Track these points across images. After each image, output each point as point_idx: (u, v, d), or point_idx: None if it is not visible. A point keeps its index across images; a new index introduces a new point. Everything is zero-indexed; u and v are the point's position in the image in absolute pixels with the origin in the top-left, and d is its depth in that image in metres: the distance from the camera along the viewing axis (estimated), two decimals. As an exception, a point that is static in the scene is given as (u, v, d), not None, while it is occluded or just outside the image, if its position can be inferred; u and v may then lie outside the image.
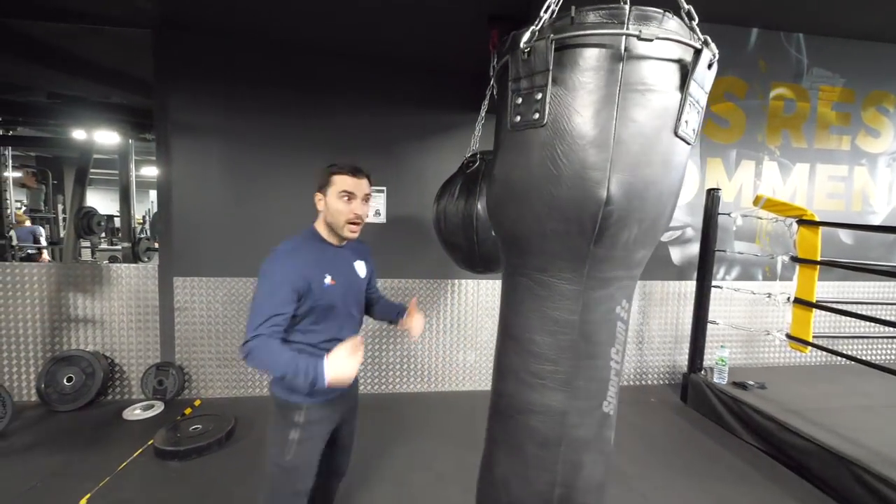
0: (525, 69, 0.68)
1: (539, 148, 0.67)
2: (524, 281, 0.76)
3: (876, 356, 3.46)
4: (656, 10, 0.63)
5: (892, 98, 3.25)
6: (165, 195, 2.71)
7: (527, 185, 0.70)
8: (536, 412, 0.77)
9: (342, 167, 1.20)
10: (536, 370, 0.76)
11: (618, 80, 0.63)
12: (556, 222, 0.69)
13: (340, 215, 1.18)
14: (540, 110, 0.66)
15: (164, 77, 2.65)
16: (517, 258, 0.77)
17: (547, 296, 0.74)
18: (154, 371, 2.68)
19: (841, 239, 3.31)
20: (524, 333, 0.77)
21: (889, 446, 1.93)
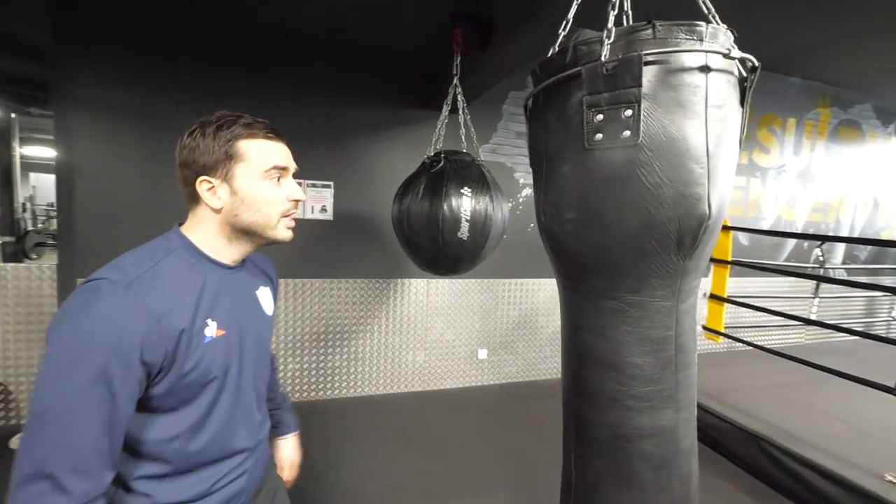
0: (608, 84, 0.64)
1: (633, 167, 0.64)
2: (613, 304, 0.73)
3: (769, 342, 4.05)
4: (723, 27, 0.66)
5: (779, 120, 3.82)
6: (66, 182, 2.29)
7: (618, 206, 0.66)
8: (649, 436, 0.75)
9: (251, 126, 0.68)
10: (641, 393, 0.74)
11: (704, 96, 0.64)
12: (654, 241, 0.67)
13: (272, 206, 0.69)
14: (631, 128, 0.63)
15: (66, 43, 2.23)
16: (603, 283, 0.73)
17: (641, 316, 0.72)
18: (50, 391, 2.26)
19: (740, 241, 3.82)
20: (622, 358, 0.73)
21: (786, 421, 2.26)
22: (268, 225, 0.70)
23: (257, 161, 0.68)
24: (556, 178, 0.73)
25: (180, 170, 0.70)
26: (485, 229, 1.71)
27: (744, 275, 3.76)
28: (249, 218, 0.69)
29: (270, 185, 0.70)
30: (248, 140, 0.68)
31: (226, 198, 0.68)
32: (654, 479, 0.76)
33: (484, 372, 3.26)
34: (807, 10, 2.48)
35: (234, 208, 0.68)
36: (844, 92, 3.98)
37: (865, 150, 4.20)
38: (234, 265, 0.74)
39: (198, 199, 0.69)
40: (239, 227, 0.70)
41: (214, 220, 0.70)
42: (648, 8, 0.77)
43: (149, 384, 0.60)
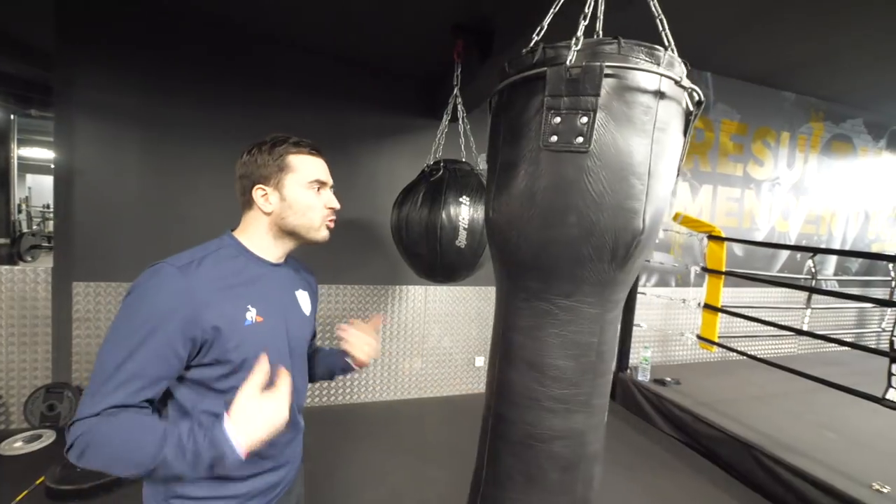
0: (569, 88, 0.65)
1: (580, 172, 0.66)
2: (544, 306, 0.74)
3: (762, 352, 4.08)
4: (680, 58, 0.69)
5: (773, 133, 3.88)
6: (65, 185, 2.29)
7: (563, 209, 0.68)
8: (560, 437, 0.77)
9: (299, 144, 0.83)
10: (559, 395, 0.76)
11: (653, 117, 0.66)
12: (590, 248, 0.69)
13: (313, 212, 0.82)
14: (585, 135, 0.65)
15: (69, 46, 2.24)
16: (538, 283, 0.74)
17: (570, 320, 0.74)
18: (43, 394, 2.24)
19: (734, 251, 3.86)
20: (545, 359, 0.75)
21: (779, 430, 2.28)
22: (311, 227, 0.84)
23: (303, 173, 0.82)
24: (509, 174, 0.73)
25: (239, 181, 0.83)
26: (482, 238, 1.73)
27: (739, 285, 3.81)
28: (295, 221, 0.82)
29: (312, 194, 0.83)
30: (296, 155, 0.82)
31: (276, 203, 0.81)
32: (560, 480, 0.78)
33: (481, 379, 3.26)
34: (800, 25, 2.54)
35: (283, 212, 0.81)
36: (836, 107, 4.05)
37: (857, 164, 4.27)
38: (277, 262, 0.86)
39: (252, 204, 0.82)
40: (285, 229, 0.83)
41: (265, 221, 0.82)
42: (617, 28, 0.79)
43: (196, 357, 0.71)
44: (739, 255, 3.87)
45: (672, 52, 0.68)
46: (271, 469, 0.81)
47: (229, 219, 1.11)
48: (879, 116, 4.26)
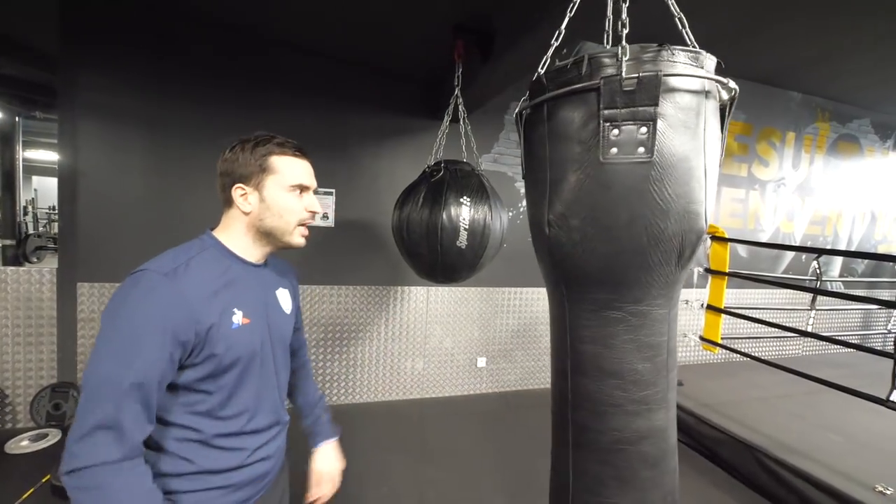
0: (625, 100, 0.65)
1: (645, 182, 0.66)
2: (616, 314, 0.75)
3: (766, 354, 4.06)
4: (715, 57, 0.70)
5: (778, 134, 3.85)
6: (69, 186, 2.31)
7: (630, 219, 0.68)
8: (646, 437, 0.79)
9: (283, 145, 0.81)
10: (640, 397, 0.78)
11: (703, 119, 0.68)
12: (659, 254, 0.70)
13: (291, 215, 0.81)
14: (646, 145, 0.65)
15: (73, 49, 2.27)
16: (607, 294, 0.75)
17: (642, 324, 0.75)
18: (48, 394, 2.27)
19: (739, 252, 3.84)
20: (624, 365, 0.77)
21: (782, 432, 2.26)
22: (286, 231, 0.82)
23: (285, 175, 0.80)
24: (565, 188, 0.73)
25: (220, 178, 0.82)
26: (483, 238, 1.73)
27: (742, 286, 3.79)
28: (272, 223, 0.81)
29: (293, 197, 0.82)
30: (279, 156, 0.80)
31: (255, 203, 0.80)
32: (651, 476, 0.80)
33: (483, 380, 3.26)
34: (806, 25, 2.52)
35: (261, 213, 0.80)
36: (843, 107, 4.02)
37: (863, 165, 4.23)
38: (258, 263, 0.85)
39: (231, 203, 0.81)
40: (262, 230, 0.82)
41: (243, 221, 0.81)
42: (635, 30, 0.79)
43: (186, 361, 0.70)
44: (744, 257, 3.85)
45: (705, 53, 0.69)
46: (260, 460, 0.82)
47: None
48: (887, 117, 4.22)
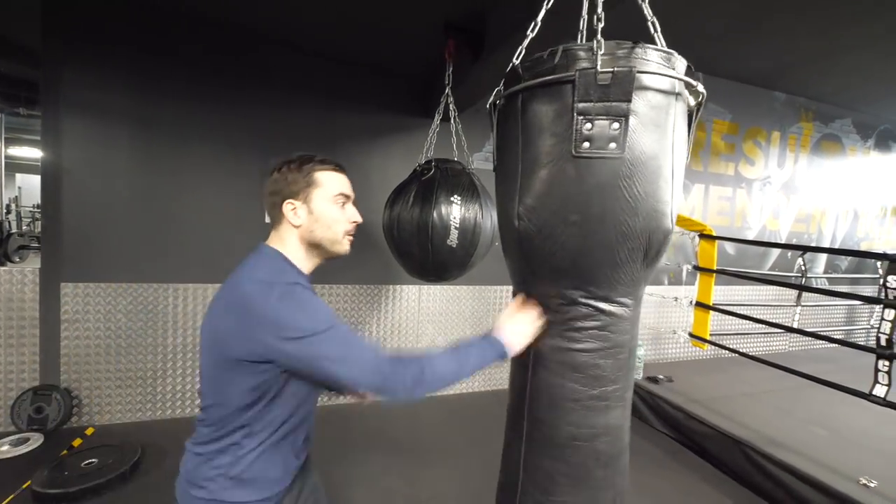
0: (600, 94, 0.65)
1: (616, 178, 0.66)
2: (583, 310, 0.75)
3: (754, 349, 4.12)
4: (685, 60, 0.71)
5: (764, 133, 3.92)
6: (53, 184, 2.26)
7: (600, 215, 0.68)
8: (602, 434, 0.79)
9: (325, 162, 0.89)
10: (601, 393, 0.78)
11: (672, 120, 0.68)
12: (626, 251, 0.70)
13: (338, 225, 0.88)
14: (618, 141, 0.65)
15: (56, 44, 2.21)
16: (575, 289, 0.74)
17: (609, 322, 0.76)
18: (30, 396, 2.21)
19: (726, 250, 3.89)
20: (587, 360, 0.77)
21: (769, 427, 2.30)
22: (335, 240, 0.88)
23: (329, 187, 0.87)
24: (537, 181, 0.71)
25: (269, 197, 0.87)
26: (474, 237, 1.73)
27: (730, 283, 3.85)
28: (321, 233, 0.87)
29: (337, 208, 0.88)
30: (322, 171, 0.88)
31: (304, 216, 0.86)
32: (603, 476, 0.80)
33: (476, 378, 3.26)
34: (789, 28, 2.57)
35: (310, 225, 0.86)
36: (826, 107, 4.10)
37: (846, 164, 4.32)
38: (310, 275, 0.91)
39: (282, 219, 0.86)
40: (312, 242, 0.87)
41: (294, 235, 0.87)
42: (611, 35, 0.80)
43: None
44: (731, 254, 3.91)
45: (676, 55, 0.70)
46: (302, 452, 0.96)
47: (220, 218, 1.11)
48: (867, 117, 4.31)
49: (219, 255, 2.53)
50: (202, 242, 2.51)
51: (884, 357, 1.94)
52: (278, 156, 0.92)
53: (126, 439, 2.17)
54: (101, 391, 2.39)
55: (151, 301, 2.45)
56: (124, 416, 2.44)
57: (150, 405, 2.49)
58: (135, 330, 2.43)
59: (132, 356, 2.44)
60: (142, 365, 2.46)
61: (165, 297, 2.47)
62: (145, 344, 2.45)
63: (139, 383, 2.46)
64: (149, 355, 2.47)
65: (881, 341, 1.97)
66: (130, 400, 2.45)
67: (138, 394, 2.46)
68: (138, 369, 2.45)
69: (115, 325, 2.39)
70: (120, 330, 2.40)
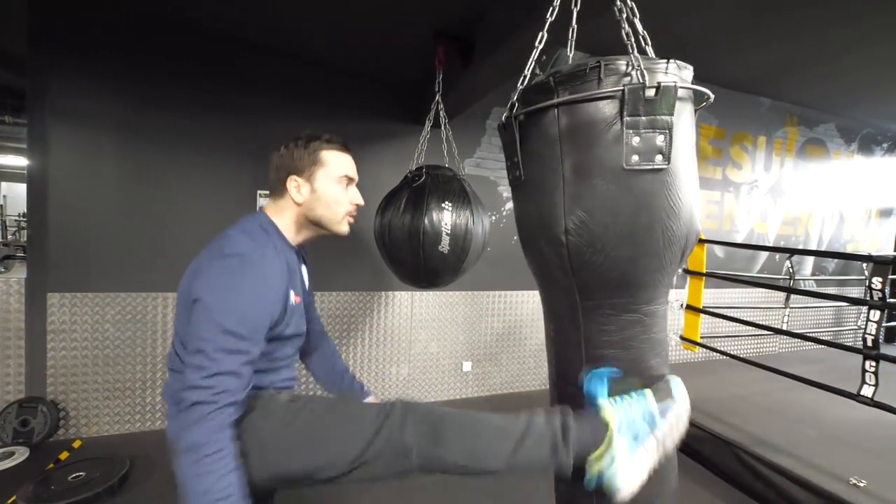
0: (646, 109, 0.68)
1: (662, 188, 0.70)
2: (633, 317, 0.78)
3: (744, 351, 4.16)
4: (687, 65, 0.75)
5: (750, 138, 3.98)
6: (39, 193, 2.23)
7: (649, 224, 0.71)
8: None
9: (332, 140, 0.90)
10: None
11: (692, 125, 0.74)
12: (670, 255, 0.74)
13: (339, 206, 0.90)
14: (664, 153, 0.68)
15: (43, 52, 2.20)
16: (625, 297, 0.76)
17: (653, 323, 0.79)
18: (15, 409, 2.17)
19: (716, 253, 3.94)
20: (642, 364, 0.80)
21: (760, 428, 2.32)
22: (334, 220, 0.91)
23: (334, 168, 0.89)
24: (587, 195, 0.72)
25: (275, 171, 0.90)
26: (465, 243, 1.74)
27: (720, 286, 3.89)
28: (321, 212, 0.89)
29: (340, 189, 0.90)
30: (328, 150, 0.89)
31: (307, 194, 0.88)
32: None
33: (469, 384, 3.26)
34: (773, 35, 2.62)
35: (312, 203, 0.89)
36: (810, 112, 4.18)
37: (830, 167, 4.41)
38: (297, 247, 0.94)
39: (283, 193, 0.89)
40: (311, 219, 0.90)
41: (294, 210, 0.89)
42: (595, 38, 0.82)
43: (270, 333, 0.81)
44: (720, 257, 3.95)
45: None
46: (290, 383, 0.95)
47: (208, 227, 1.10)
48: (850, 121, 4.40)
49: (209, 263, 2.51)
50: (191, 251, 2.45)
51: (870, 357, 1.98)
52: (266, 164, 0.93)
53: (114, 451, 2.13)
54: (88, 403, 2.35)
55: (140, 311, 2.42)
56: (112, 428, 2.40)
57: (138, 416, 2.45)
58: (123, 340, 2.40)
59: (120, 367, 2.40)
60: (130, 375, 2.42)
61: (154, 307, 2.45)
62: (134, 354, 2.42)
63: (128, 394, 2.42)
64: (137, 366, 2.43)
65: (867, 342, 2.01)
66: (119, 411, 2.41)
67: (127, 405, 2.42)
68: (126, 380, 2.41)
69: (103, 335, 2.36)
70: (108, 340, 2.37)
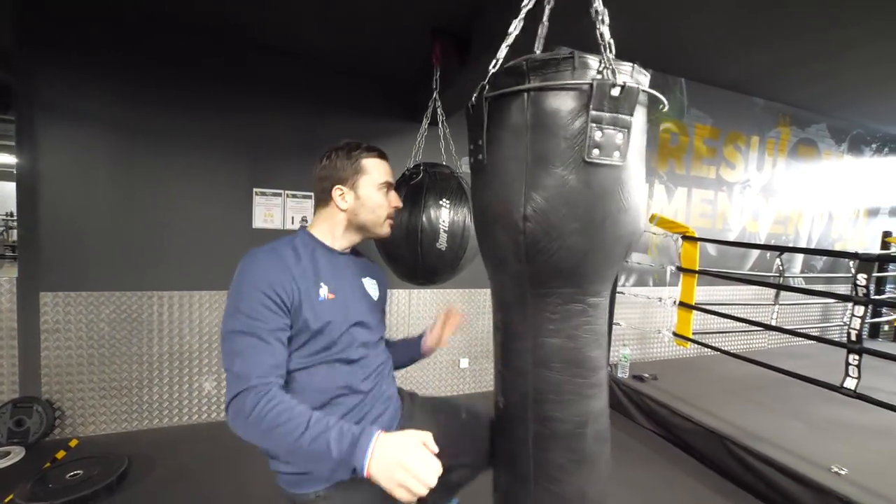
0: (611, 106, 0.69)
1: (616, 184, 0.72)
2: (578, 307, 0.80)
3: (735, 347, 4.23)
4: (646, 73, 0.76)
5: (744, 138, 4.03)
6: (29, 191, 2.20)
7: (602, 217, 0.73)
8: (599, 416, 0.86)
9: (371, 149, 0.98)
10: (595, 381, 0.84)
11: (644, 132, 0.76)
12: (620, 249, 0.77)
13: (381, 210, 0.97)
14: (621, 150, 0.70)
15: (31, 47, 2.16)
16: (573, 287, 0.78)
17: (596, 314, 0.81)
18: (10, 409, 2.15)
19: (708, 251, 3.99)
20: (584, 354, 0.82)
21: (749, 421, 2.37)
22: (377, 223, 0.99)
23: (375, 175, 0.97)
24: (548, 184, 0.71)
25: (319, 182, 0.98)
26: (463, 240, 1.75)
27: (712, 284, 3.95)
28: (365, 217, 0.97)
29: (381, 195, 0.98)
30: (368, 159, 0.97)
31: (351, 201, 0.96)
32: (599, 452, 0.88)
33: (466, 381, 3.28)
34: (767, 36, 2.65)
35: (357, 209, 0.96)
36: (802, 112, 4.24)
37: (821, 167, 4.48)
38: (342, 251, 1.00)
39: (329, 202, 0.96)
40: (356, 223, 0.98)
41: (339, 217, 0.97)
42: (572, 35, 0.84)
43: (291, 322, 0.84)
44: (713, 255, 4.01)
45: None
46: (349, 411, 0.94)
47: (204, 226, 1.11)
48: (841, 122, 4.47)
49: (203, 263, 2.50)
50: (186, 250, 2.48)
51: (853, 351, 2.03)
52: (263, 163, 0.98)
53: (112, 450, 2.13)
54: (84, 402, 2.34)
55: (135, 309, 2.40)
56: (109, 427, 2.39)
57: (135, 415, 2.44)
58: (118, 339, 2.38)
59: (116, 366, 2.39)
60: (126, 374, 2.41)
61: (150, 306, 2.43)
62: (129, 353, 2.41)
63: (124, 393, 2.41)
64: (133, 364, 2.42)
65: (851, 336, 2.06)
66: (115, 410, 2.40)
67: (123, 404, 2.41)
68: (122, 379, 2.40)
69: (98, 334, 2.34)
70: (103, 339, 2.35)
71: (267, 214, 2.64)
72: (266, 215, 2.64)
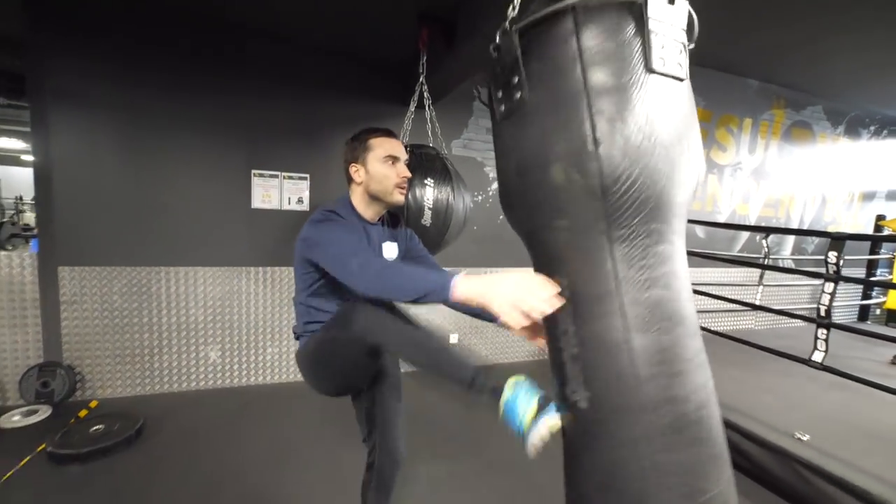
0: (670, 17, 0.68)
1: (683, 101, 0.69)
2: (669, 248, 0.69)
3: (723, 327, 4.34)
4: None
5: (736, 120, 4.05)
6: (44, 173, 2.36)
7: (678, 137, 0.67)
8: (710, 389, 0.78)
9: (376, 130, 1.17)
10: (701, 345, 0.76)
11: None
12: (694, 175, 0.71)
13: (388, 180, 1.14)
14: (682, 65, 0.70)
15: (42, 35, 2.29)
16: (660, 223, 0.67)
17: (683, 261, 0.73)
18: (36, 372, 2.35)
19: (697, 233, 4.06)
20: (685, 308, 0.71)
21: (724, 394, 2.49)
22: (387, 191, 1.15)
23: (379, 150, 1.14)
24: (617, 96, 0.63)
25: (344, 165, 1.19)
26: (447, 217, 1.87)
27: (701, 265, 4.03)
28: (375, 187, 1.15)
29: (387, 167, 1.14)
30: (373, 138, 1.16)
31: (363, 175, 1.16)
32: (720, 430, 0.79)
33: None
34: (762, 15, 2.62)
35: (368, 182, 1.15)
36: (798, 94, 4.21)
37: (815, 150, 4.48)
38: (371, 221, 1.21)
39: (351, 179, 1.18)
40: (370, 194, 1.17)
41: (358, 190, 1.18)
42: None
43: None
44: (701, 237, 4.08)
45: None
46: None
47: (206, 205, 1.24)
48: (838, 104, 4.43)
49: (206, 240, 2.66)
50: (190, 227, 2.64)
51: (822, 326, 2.15)
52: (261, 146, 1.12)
53: (128, 410, 2.33)
54: (101, 367, 2.54)
55: (145, 283, 2.58)
56: (125, 391, 2.60)
57: (148, 380, 2.65)
58: (130, 310, 2.56)
59: (129, 335, 2.58)
60: (139, 343, 2.60)
61: (158, 280, 2.61)
62: (141, 323, 2.59)
63: (137, 360, 2.61)
64: (145, 333, 2.61)
65: (820, 311, 2.18)
66: (130, 375, 2.60)
67: (137, 369, 2.61)
68: (136, 346, 2.59)
69: (112, 305, 2.53)
70: (116, 310, 2.54)
71: (265, 195, 2.78)
72: (264, 196, 2.78)
